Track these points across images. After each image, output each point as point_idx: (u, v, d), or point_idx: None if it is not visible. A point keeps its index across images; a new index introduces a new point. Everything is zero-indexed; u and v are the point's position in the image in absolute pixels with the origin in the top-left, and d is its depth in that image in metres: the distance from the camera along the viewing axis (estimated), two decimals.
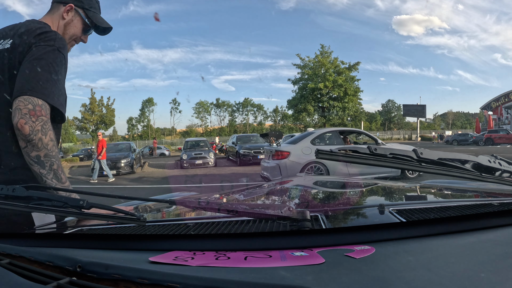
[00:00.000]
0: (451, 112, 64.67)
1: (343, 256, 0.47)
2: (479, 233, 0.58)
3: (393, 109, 59.09)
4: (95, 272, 0.45)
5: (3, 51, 0.96)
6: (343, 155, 0.79)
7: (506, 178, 0.84)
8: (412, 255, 0.48)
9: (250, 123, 57.43)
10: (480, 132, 26.39)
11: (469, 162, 0.84)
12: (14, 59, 0.94)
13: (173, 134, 57.24)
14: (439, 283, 0.39)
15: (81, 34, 1.13)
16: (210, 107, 57.33)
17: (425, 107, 28.13)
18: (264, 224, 0.62)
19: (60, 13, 1.08)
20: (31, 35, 0.96)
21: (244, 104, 57.17)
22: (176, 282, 0.40)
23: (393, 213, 0.64)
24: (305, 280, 0.40)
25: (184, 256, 0.50)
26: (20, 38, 0.96)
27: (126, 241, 0.62)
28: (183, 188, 7.65)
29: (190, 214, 0.86)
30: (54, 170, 0.89)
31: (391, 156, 0.76)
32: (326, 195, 1.14)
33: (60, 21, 1.08)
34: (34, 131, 0.84)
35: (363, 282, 0.40)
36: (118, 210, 0.69)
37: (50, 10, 1.11)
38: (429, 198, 1.02)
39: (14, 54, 0.94)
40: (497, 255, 0.48)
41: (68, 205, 0.67)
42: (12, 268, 0.48)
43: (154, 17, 73.72)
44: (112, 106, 29.09)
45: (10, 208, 0.66)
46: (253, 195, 1.15)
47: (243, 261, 0.47)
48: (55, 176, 0.90)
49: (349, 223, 0.69)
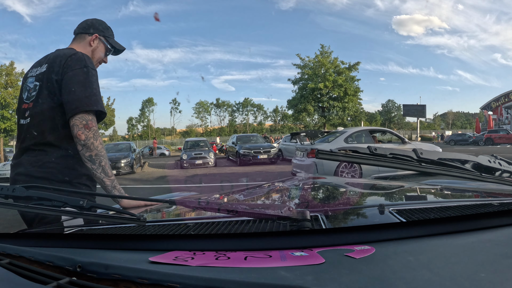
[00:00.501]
0: (451, 112, 64.69)
1: (343, 256, 0.47)
2: (479, 233, 0.58)
3: (393, 109, 59.11)
4: (95, 272, 0.45)
5: (41, 74, 1.18)
6: (343, 155, 0.79)
7: (506, 178, 0.84)
8: (412, 255, 0.48)
9: (250, 123, 57.46)
10: (480, 132, 26.37)
11: (469, 162, 0.84)
12: (52, 78, 1.14)
13: (173, 134, 57.24)
14: (439, 283, 0.39)
15: (104, 55, 1.37)
16: (210, 107, 57.39)
17: (425, 107, 28.12)
18: (264, 224, 0.62)
19: (87, 41, 1.31)
20: (64, 58, 1.16)
21: (244, 104, 57.19)
22: (176, 282, 0.40)
23: (393, 213, 0.64)
24: (305, 280, 0.40)
25: (184, 256, 0.50)
26: (54, 62, 1.17)
27: (126, 241, 0.62)
28: (183, 188, 7.65)
29: (190, 214, 0.86)
30: (102, 166, 1.12)
31: (391, 156, 0.76)
32: (326, 195, 1.14)
33: (88, 48, 1.31)
34: (88, 138, 1.10)
35: (363, 282, 0.40)
36: (118, 210, 0.69)
37: (75, 40, 1.32)
38: (429, 198, 1.02)
39: (50, 74, 1.15)
40: (497, 255, 0.48)
41: (68, 205, 0.67)
42: (12, 268, 0.48)
43: (154, 17, 73.68)
44: (112, 106, 29.04)
45: (10, 208, 0.66)
46: (253, 195, 1.15)
47: (243, 261, 0.47)
48: (103, 170, 1.12)
49: (349, 223, 0.69)
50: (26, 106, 1.19)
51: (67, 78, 1.12)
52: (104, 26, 1.36)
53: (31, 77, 1.21)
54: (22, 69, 19.75)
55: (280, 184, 1.34)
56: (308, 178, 1.43)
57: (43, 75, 1.17)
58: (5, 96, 18.38)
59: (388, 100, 59.84)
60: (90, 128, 1.10)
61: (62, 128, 1.14)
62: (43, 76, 1.17)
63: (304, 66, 25.46)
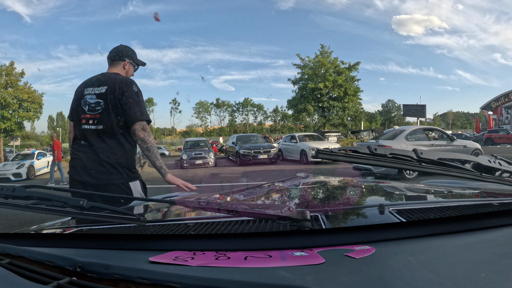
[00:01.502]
0: (451, 112, 64.68)
1: (343, 256, 0.47)
2: (479, 233, 0.58)
3: (393, 109, 59.09)
4: (95, 272, 0.45)
5: (102, 94, 1.67)
6: (343, 155, 0.79)
7: (506, 178, 0.84)
8: (412, 255, 0.48)
9: (250, 123, 57.45)
10: (480, 132, 26.34)
11: (469, 162, 0.84)
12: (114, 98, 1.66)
13: (173, 134, 57.23)
14: (439, 283, 0.39)
15: (133, 73, 1.89)
16: (210, 107, 57.39)
17: (425, 107, 28.05)
18: (264, 224, 0.62)
19: (122, 66, 1.82)
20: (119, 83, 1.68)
21: (244, 104, 57.19)
22: (176, 282, 0.40)
23: (393, 213, 0.64)
24: (305, 280, 0.40)
25: (184, 256, 0.50)
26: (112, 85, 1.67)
27: (126, 241, 0.62)
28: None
29: (190, 214, 0.86)
30: (154, 153, 1.68)
31: (391, 156, 0.76)
32: (326, 195, 1.14)
33: (123, 71, 1.82)
34: (145, 136, 1.67)
35: (363, 282, 0.40)
36: (118, 210, 0.69)
37: (113, 65, 1.82)
38: (429, 198, 1.02)
39: (111, 95, 1.66)
40: (497, 255, 0.48)
41: (68, 205, 0.67)
42: (12, 268, 0.48)
43: (154, 17, 73.67)
44: None
45: (10, 208, 0.66)
46: (253, 195, 1.15)
47: (243, 261, 0.47)
48: (155, 156, 1.68)
49: (349, 223, 0.69)
50: (89, 116, 1.68)
51: (125, 98, 1.65)
52: (131, 51, 1.86)
53: (91, 94, 1.70)
54: (22, 69, 19.76)
55: (280, 184, 1.34)
56: (308, 178, 1.43)
57: (105, 95, 1.66)
58: (5, 96, 18.36)
59: (388, 100, 59.92)
60: (146, 130, 1.67)
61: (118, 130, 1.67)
62: (106, 96, 1.66)
63: (304, 66, 25.45)
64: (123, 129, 1.68)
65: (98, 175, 1.63)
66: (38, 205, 0.69)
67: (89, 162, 1.66)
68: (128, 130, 1.68)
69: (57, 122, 56.03)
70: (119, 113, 1.66)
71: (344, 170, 8.77)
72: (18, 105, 18.93)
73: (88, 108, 1.69)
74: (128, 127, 1.67)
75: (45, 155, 13.91)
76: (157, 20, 77.23)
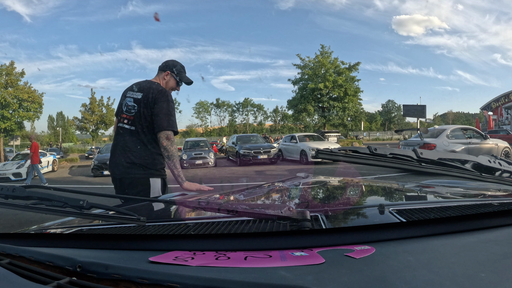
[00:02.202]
0: (451, 113, 64.67)
1: (343, 256, 0.47)
2: (479, 233, 0.58)
3: (393, 109, 59.09)
4: (95, 272, 0.45)
5: (138, 99, 1.86)
6: (343, 155, 0.79)
7: (506, 178, 0.84)
8: (412, 255, 0.48)
9: (250, 123, 57.41)
10: None
11: (469, 162, 0.84)
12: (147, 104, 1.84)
13: None
14: (439, 283, 0.39)
15: (175, 86, 2.02)
16: (210, 107, 57.33)
17: (425, 107, 28.02)
18: (264, 224, 0.62)
19: (163, 76, 1.99)
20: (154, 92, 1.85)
21: (244, 104, 57.13)
22: (176, 282, 0.40)
23: (393, 213, 0.64)
24: (305, 280, 0.40)
25: (184, 256, 0.50)
26: (148, 92, 1.85)
27: (126, 241, 0.62)
28: None
29: (190, 214, 0.86)
30: (174, 162, 1.80)
31: (391, 156, 0.76)
32: (326, 195, 1.14)
33: (163, 81, 1.99)
34: (167, 145, 1.80)
35: (363, 282, 0.40)
36: (118, 210, 0.69)
37: (158, 74, 2.01)
38: (429, 198, 1.02)
39: (146, 101, 1.84)
40: (497, 255, 0.48)
41: (68, 205, 0.67)
42: (12, 268, 0.48)
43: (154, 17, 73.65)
44: (112, 106, 29.01)
45: (10, 208, 0.66)
46: (253, 195, 1.15)
47: (243, 261, 0.47)
48: (174, 165, 1.80)
49: (349, 223, 0.69)
50: (125, 116, 1.89)
51: (157, 107, 1.82)
52: (178, 65, 2.01)
53: (129, 97, 1.90)
54: (22, 69, 19.78)
55: (280, 184, 1.34)
56: (308, 178, 1.42)
57: (139, 101, 1.86)
58: (5, 96, 18.35)
59: (388, 100, 59.95)
60: (169, 139, 1.80)
61: (148, 132, 1.84)
62: (140, 102, 1.85)
63: (304, 66, 25.43)
64: (151, 134, 1.84)
65: (122, 169, 1.81)
66: (38, 205, 0.69)
67: (118, 157, 1.86)
68: (155, 136, 1.83)
69: (57, 121, 56.01)
70: (149, 119, 1.83)
71: (344, 170, 8.79)
72: (18, 105, 18.92)
73: (126, 109, 1.90)
74: (155, 133, 1.83)
75: (45, 154, 13.93)
76: (157, 20, 77.22)
